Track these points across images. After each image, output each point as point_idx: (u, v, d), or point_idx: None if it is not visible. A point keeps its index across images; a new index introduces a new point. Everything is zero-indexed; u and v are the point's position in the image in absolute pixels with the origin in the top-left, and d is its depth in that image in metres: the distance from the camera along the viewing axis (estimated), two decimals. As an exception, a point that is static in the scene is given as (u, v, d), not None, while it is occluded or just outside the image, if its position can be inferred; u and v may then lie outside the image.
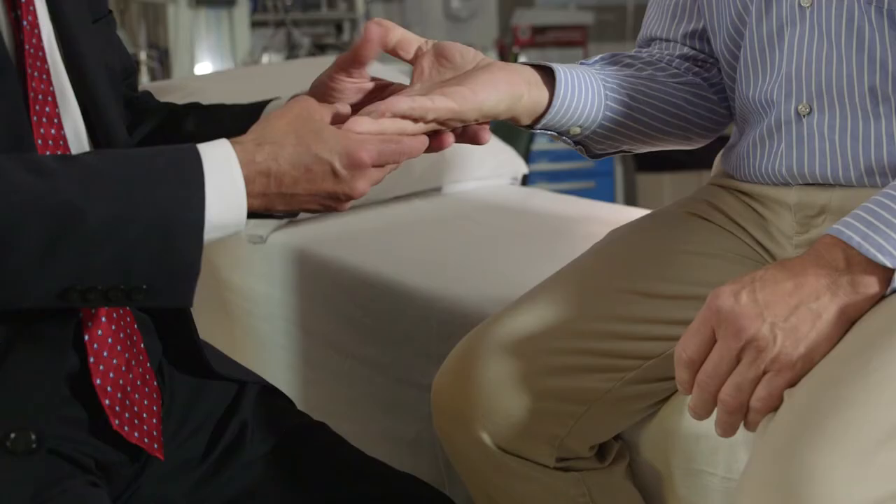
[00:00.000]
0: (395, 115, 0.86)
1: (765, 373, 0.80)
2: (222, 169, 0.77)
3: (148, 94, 1.11)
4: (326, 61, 0.98)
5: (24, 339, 0.80)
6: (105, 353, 0.85)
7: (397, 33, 0.93)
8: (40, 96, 0.83)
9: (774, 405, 0.80)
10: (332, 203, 0.84)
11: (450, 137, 0.92)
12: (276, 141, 0.80)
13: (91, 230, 0.72)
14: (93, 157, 0.78)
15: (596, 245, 1.13)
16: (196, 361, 0.98)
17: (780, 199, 1.04)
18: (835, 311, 0.79)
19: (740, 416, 0.82)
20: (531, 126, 1.01)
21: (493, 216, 1.81)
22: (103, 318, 0.85)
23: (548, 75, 0.99)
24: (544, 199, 1.95)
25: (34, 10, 0.84)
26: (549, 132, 1.03)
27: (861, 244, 0.79)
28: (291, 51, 3.85)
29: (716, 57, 1.13)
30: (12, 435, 0.77)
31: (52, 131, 0.84)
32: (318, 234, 1.70)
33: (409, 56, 0.95)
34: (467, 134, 0.95)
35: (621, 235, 1.13)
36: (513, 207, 1.88)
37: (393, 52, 0.94)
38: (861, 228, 0.80)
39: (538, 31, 4.27)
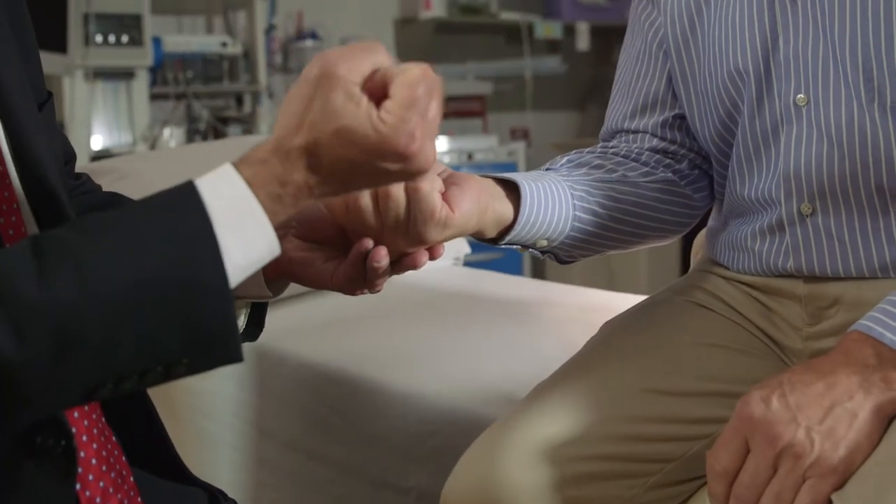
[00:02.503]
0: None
1: (804, 479, 0.77)
2: (234, 208, 0.66)
3: (88, 178, 1.02)
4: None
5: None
6: (98, 500, 0.77)
7: None
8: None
9: None
10: (389, 179, 0.71)
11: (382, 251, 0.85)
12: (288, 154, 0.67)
13: (98, 332, 0.62)
14: (76, 239, 0.65)
15: (595, 340, 1.09)
16: (168, 463, 0.89)
17: (787, 290, 1.02)
18: (870, 409, 0.78)
19: None
20: (495, 240, 0.96)
21: (451, 302, 1.76)
22: (93, 461, 0.77)
23: (510, 188, 0.95)
24: (496, 282, 1.92)
25: None
26: (514, 246, 0.99)
27: (894, 340, 0.78)
28: (191, 123, 3.74)
29: (688, 146, 1.11)
30: None
31: (13, 218, 0.75)
32: (269, 326, 1.61)
33: None
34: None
35: (621, 329, 1.10)
36: (467, 292, 1.84)
37: None
38: (892, 324, 0.80)
39: (439, 101, 4.28)
